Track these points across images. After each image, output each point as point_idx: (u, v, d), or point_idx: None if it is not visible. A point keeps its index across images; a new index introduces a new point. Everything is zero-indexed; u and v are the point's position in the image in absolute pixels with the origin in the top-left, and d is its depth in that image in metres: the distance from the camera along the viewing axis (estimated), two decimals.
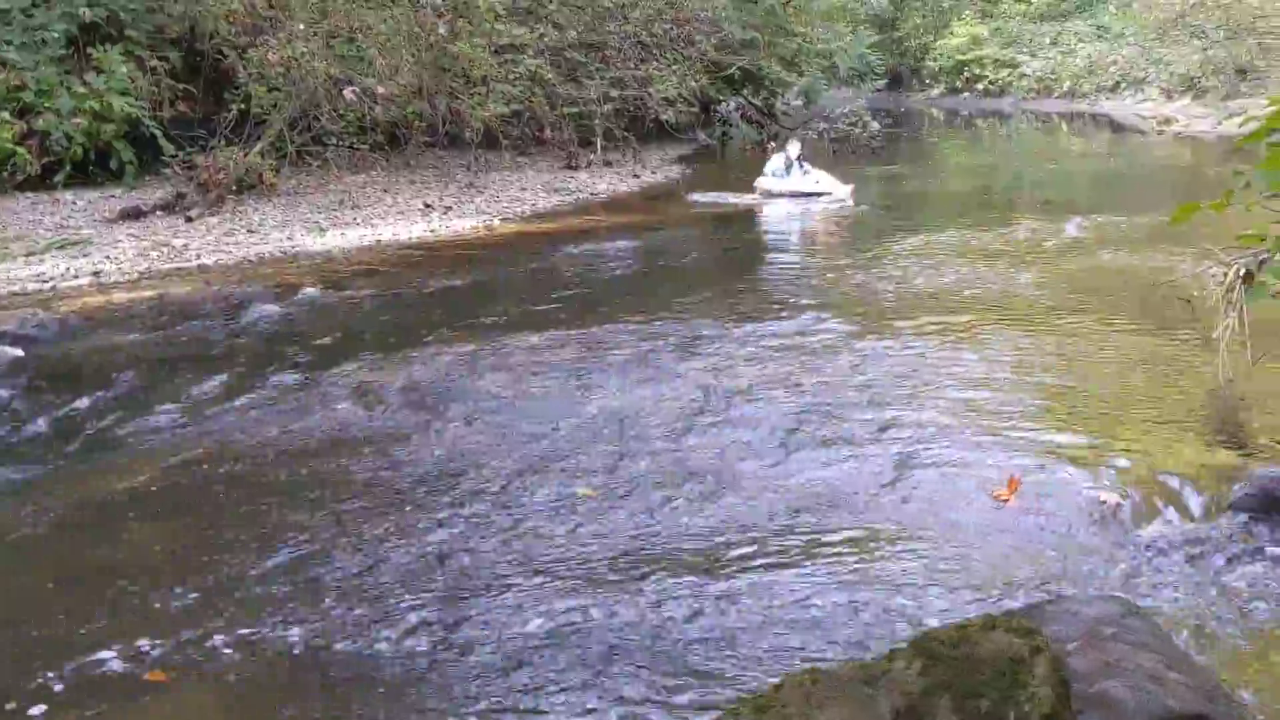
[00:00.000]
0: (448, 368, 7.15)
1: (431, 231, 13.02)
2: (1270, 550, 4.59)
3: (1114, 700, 3.22)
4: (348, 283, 10.21)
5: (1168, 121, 29.80)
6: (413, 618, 4.09)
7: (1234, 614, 4.13)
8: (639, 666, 3.75)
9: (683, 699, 3.54)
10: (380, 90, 14.83)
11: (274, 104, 14.40)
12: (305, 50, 13.97)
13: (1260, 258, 5.73)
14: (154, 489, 5.41)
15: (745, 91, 25.38)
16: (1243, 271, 6.28)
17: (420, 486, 5.33)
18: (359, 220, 13.39)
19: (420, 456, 5.73)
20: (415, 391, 6.69)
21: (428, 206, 14.41)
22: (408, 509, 5.07)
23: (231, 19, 14.07)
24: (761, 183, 15.21)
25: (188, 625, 4.05)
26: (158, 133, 14.04)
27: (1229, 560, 4.53)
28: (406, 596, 4.25)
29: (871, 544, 4.69)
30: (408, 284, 10.12)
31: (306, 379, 7.08)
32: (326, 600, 4.23)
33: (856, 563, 4.50)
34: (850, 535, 4.77)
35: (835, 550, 4.62)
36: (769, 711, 2.78)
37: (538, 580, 4.37)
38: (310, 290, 9.77)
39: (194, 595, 4.29)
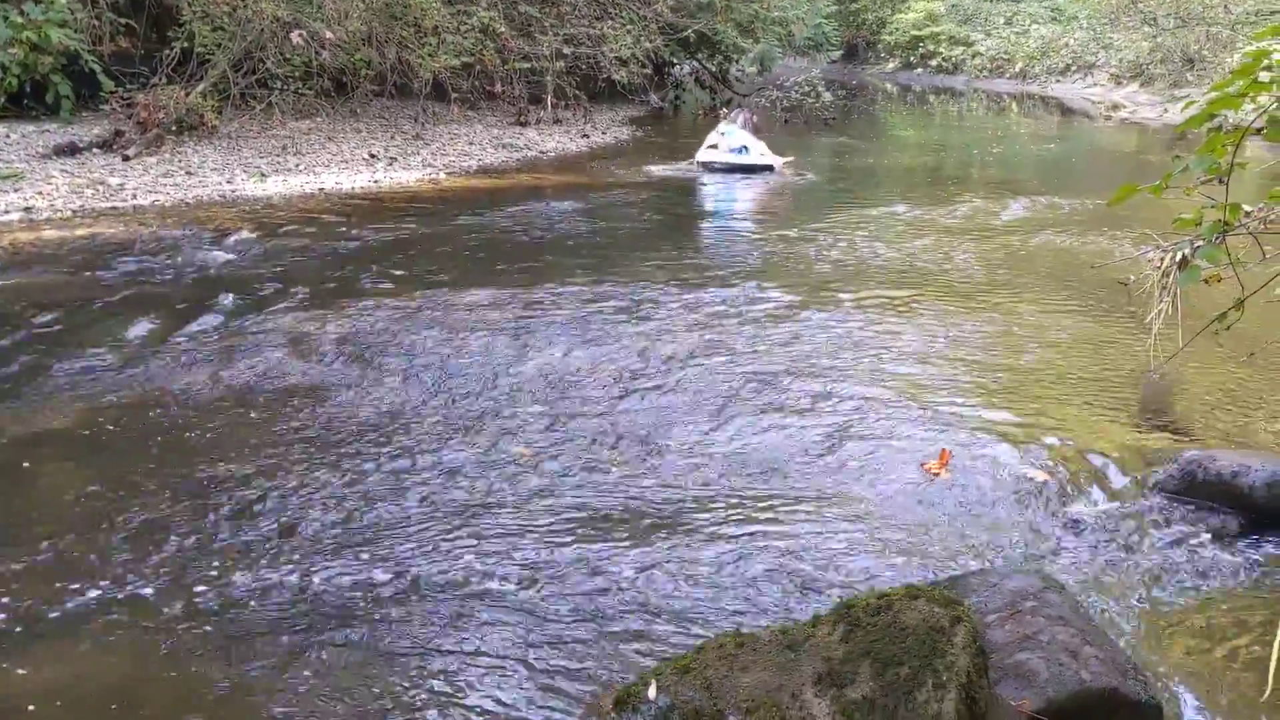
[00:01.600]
0: (386, 321, 7.06)
1: (375, 182, 12.83)
2: (1189, 531, 4.69)
3: (1030, 671, 3.28)
4: (287, 230, 10.02)
5: (1115, 107, 30.17)
6: (339, 573, 4.04)
7: (1150, 591, 4.21)
8: (564, 628, 3.74)
9: (607, 662, 3.54)
10: (328, 35, 14.52)
11: (218, 44, 14.05)
12: None
13: (1196, 243, 5.82)
14: (75, 433, 5.28)
15: (700, 55, 25.25)
16: (1178, 257, 6.37)
17: (353, 440, 5.27)
18: (301, 167, 13.14)
19: (354, 409, 5.66)
20: (352, 343, 6.60)
21: (373, 157, 14.18)
22: (339, 462, 5.00)
23: None
24: (701, 155, 14.90)
25: (99, 575, 3.97)
26: (96, 68, 13.65)
27: (1149, 539, 4.62)
28: (332, 551, 4.21)
29: (802, 511, 4.71)
30: (349, 234, 9.96)
31: (240, 326, 6.95)
32: (247, 553, 4.17)
33: (786, 529, 4.52)
34: (781, 502, 4.80)
35: (765, 517, 4.64)
36: (691, 673, 2.79)
37: (467, 537, 4.34)
38: (248, 236, 9.59)
39: (108, 544, 4.20)
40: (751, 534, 4.47)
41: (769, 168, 14.74)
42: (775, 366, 6.51)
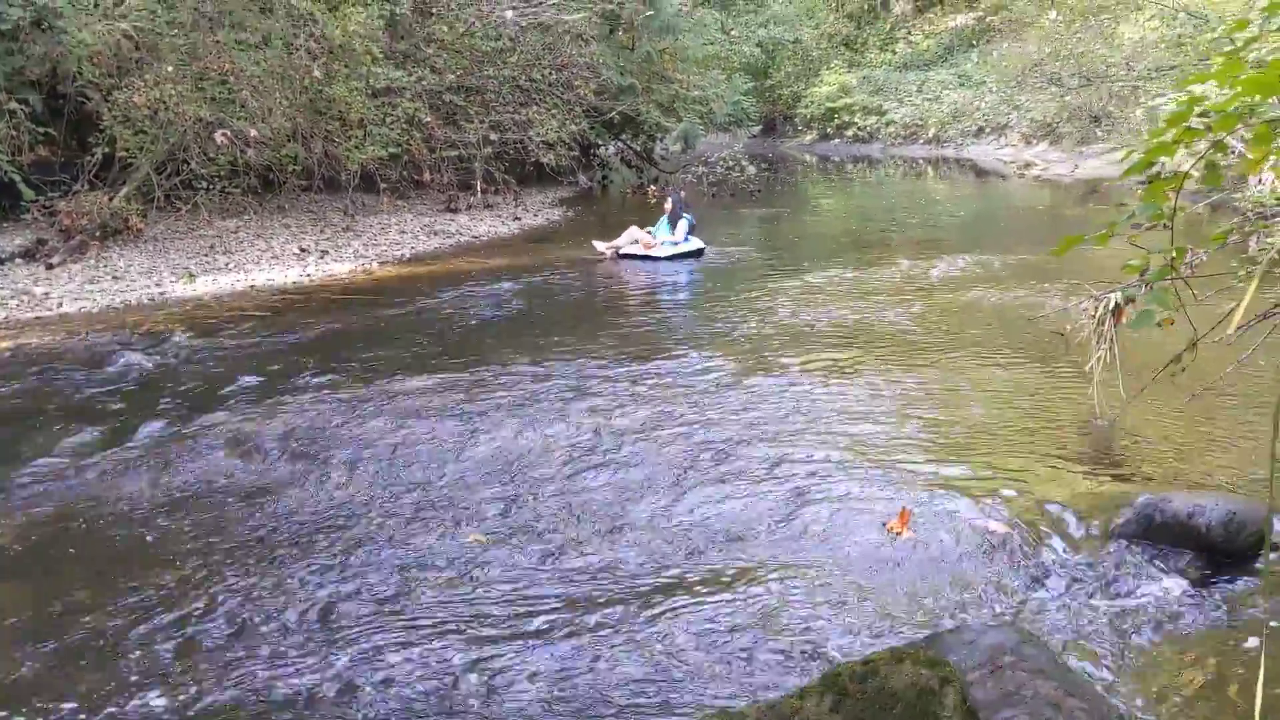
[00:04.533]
0: (327, 415, 6.91)
1: (307, 276, 12.70)
2: (1152, 573, 4.71)
3: None
4: (220, 329, 9.84)
5: (1028, 165, 31.11)
6: (291, 680, 3.88)
7: (1121, 636, 4.21)
8: None
9: None
10: (253, 133, 14.45)
11: (140, 147, 13.90)
12: (174, 92, 13.52)
13: (1130, 289, 5.94)
14: (10, 549, 5.05)
15: (625, 136, 25.61)
16: (1112, 305, 6.50)
17: (299, 540, 5.10)
18: (231, 265, 12.98)
19: (299, 508, 5.49)
20: (293, 440, 6.44)
21: (303, 251, 14.07)
22: (285, 564, 4.83)
23: (96, 60, 13.55)
24: (625, 248, 14.37)
25: (37, 694, 3.77)
26: (16, 177, 13.40)
27: (1114, 585, 4.63)
28: (284, 658, 4.04)
29: (769, 581, 4.64)
30: (284, 330, 9.80)
31: (177, 430, 6.75)
32: (196, 664, 3.99)
33: (755, 601, 4.45)
34: (747, 573, 4.73)
35: (733, 589, 4.56)
36: None
37: (424, 635, 4.20)
38: (180, 338, 9.39)
39: (45, 661, 4.00)
40: (719, 607, 4.39)
41: (699, 251, 14.53)
42: (728, 435, 6.48)
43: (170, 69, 13.73)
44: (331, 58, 15.47)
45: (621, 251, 14.24)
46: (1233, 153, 3.69)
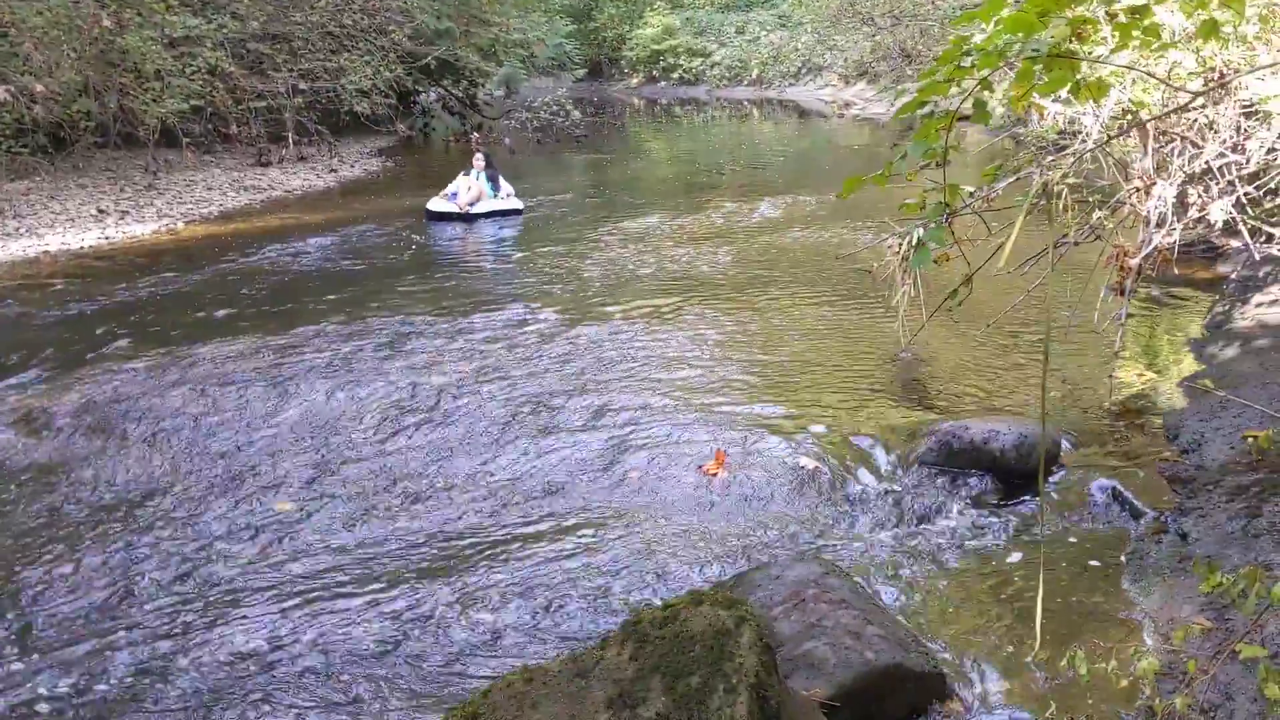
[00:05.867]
0: (127, 386, 6.55)
1: (107, 239, 11.99)
2: (951, 499, 4.92)
3: (818, 659, 3.33)
4: (10, 297, 9.21)
5: (847, 105, 31.86)
6: (87, 666, 3.69)
7: (921, 561, 4.38)
8: (345, 689, 3.54)
9: (394, 718, 3.37)
10: (38, 88, 13.49)
11: None
12: None
13: (924, 226, 6.13)
14: None
15: (445, 82, 25.00)
16: (915, 241, 6.71)
17: (96, 519, 4.84)
18: (22, 230, 12.13)
19: (96, 486, 5.21)
20: (90, 414, 6.08)
21: (102, 212, 13.27)
22: (80, 546, 4.57)
23: None
24: (435, 204, 13.28)
25: None
26: None
27: (917, 512, 4.82)
28: (79, 644, 3.84)
29: (588, 530, 4.66)
30: (81, 297, 9.23)
31: None
32: None
33: (572, 553, 4.45)
34: (567, 524, 4.73)
35: (551, 543, 4.56)
36: (479, 719, 2.67)
37: (233, 608, 4.05)
38: None
39: None
40: (538, 561, 4.38)
41: (517, 210, 13.56)
42: (549, 386, 6.45)
43: None
44: (122, 5, 14.52)
45: (436, 209, 13.21)
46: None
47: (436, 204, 13.29)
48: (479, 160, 13.83)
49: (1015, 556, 4.40)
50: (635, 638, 2.83)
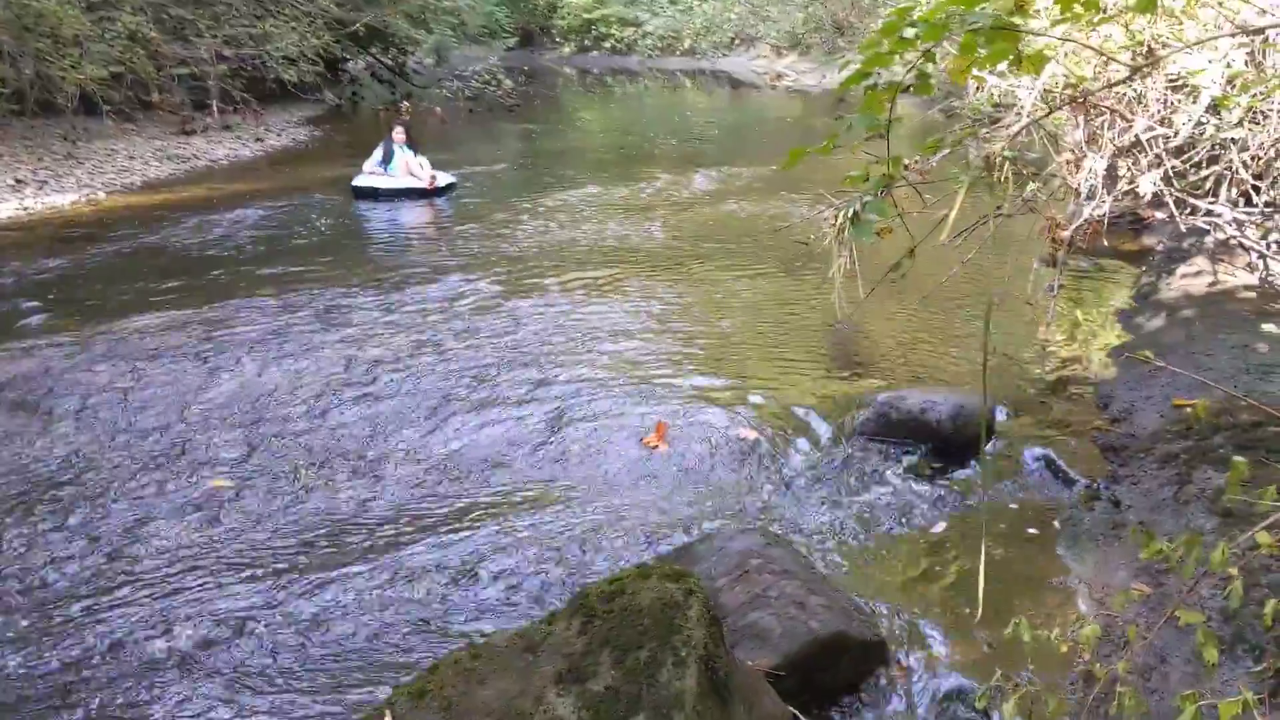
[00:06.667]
0: (50, 361, 6.36)
1: (24, 209, 11.60)
2: (890, 468, 4.97)
3: (763, 630, 3.35)
4: None
5: (780, 77, 31.91)
6: (15, 645, 3.59)
7: (863, 530, 4.43)
8: (285, 670, 3.48)
9: (334, 697, 3.32)
10: None
11: None
12: None
13: (865, 199, 6.16)
14: None
15: (374, 50, 24.56)
16: (851, 213, 6.75)
17: (20, 499, 4.69)
18: None
19: (18, 465, 5.04)
20: (10, 390, 5.90)
21: (19, 182, 12.82)
22: (4, 526, 4.44)
23: None
24: (360, 180, 12.47)
25: None
26: None
27: (856, 480, 4.87)
28: (4, 624, 3.73)
29: (529, 505, 4.63)
30: None
31: None
32: None
33: (514, 526, 4.42)
34: (508, 499, 4.70)
35: (493, 516, 4.53)
36: (427, 695, 2.64)
37: (166, 590, 3.96)
38: None
39: None
40: (479, 537, 4.34)
41: (424, 190, 12.52)
42: (487, 360, 6.39)
43: None
44: None
45: (355, 185, 12.42)
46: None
47: (364, 179, 12.39)
48: (399, 133, 12.96)
49: (953, 525, 4.46)
50: (583, 612, 2.82)
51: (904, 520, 4.52)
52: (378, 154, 12.83)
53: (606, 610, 2.80)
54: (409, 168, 12.68)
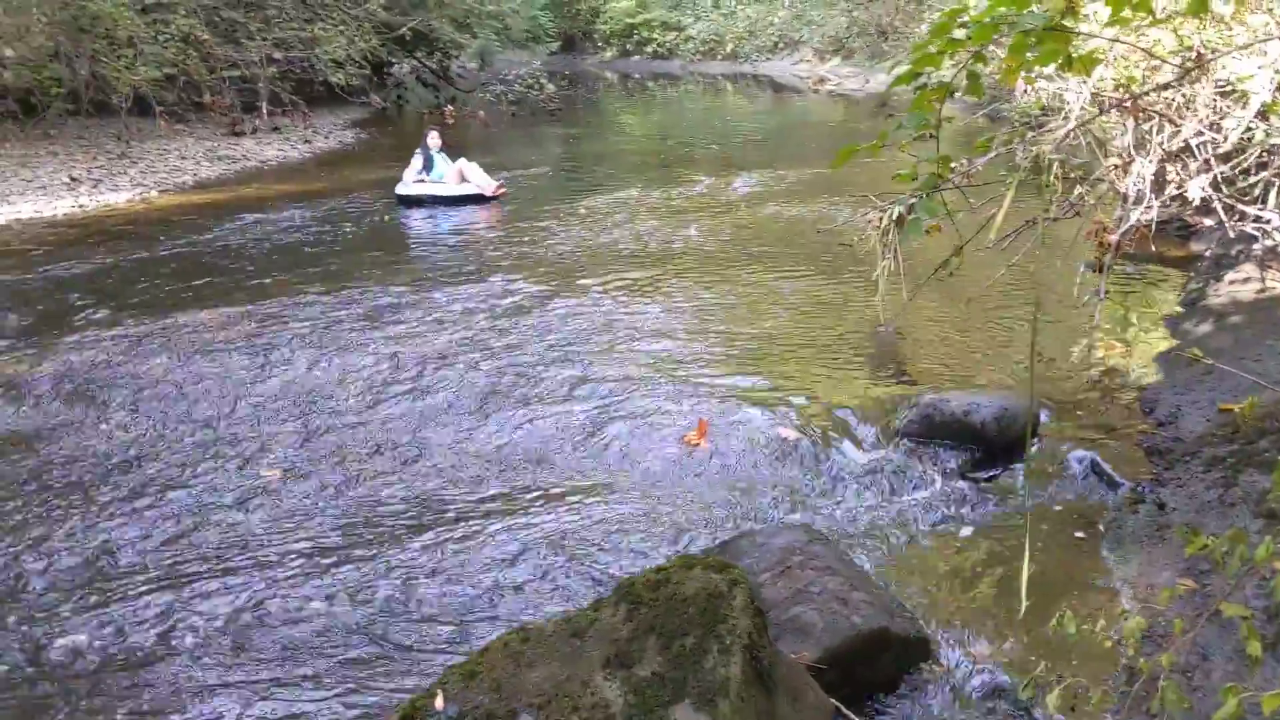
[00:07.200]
0: (107, 353, 6.52)
1: (80, 207, 11.86)
2: (933, 469, 4.98)
3: (806, 624, 3.39)
4: None
5: (822, 81, 31.82)
6: (71, 633, 3.69)
7: (906, 530, 4.45)
8: (341, 651, 3.56)
9: (387, 677, 3.40)
10: (8, 53, 13.30)
11: None
12: None
13: (911, 199, 6.18)
14: None
15: (419, 53, 24.80)
16: (895, 215, 6.76)
17: (77, 486, 4.82)
18: None
19: (77, 452, 5.19)
20: (69, 381, 6.05)
21: (74, 180, 13.10)
22: (61, 512, 4.56)
23: None
24: (399, 188, 12.27)
25: None
26: None
27: (898, 482, 4.88)
28: (63, 609, 3.84)
29: (572, 499, 4.69)
30: (55, 265, 9.14)
31: None
32: None
33: (558, 518, 4.49)
34: (551, 492, 4.76)
35: (536, 509, 4.59)
36: (477, 677, 2.70)
37: (219, 572, 4.06)
38: None
39: None
40: (524, 528, 4.41)
41: (480, 197, 12.24)
42: (530, 358, 6.46)
43: None
44: None
45: (399, 193, 12.18)
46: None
47: (404, 187, 12.13)
48: (434, 138, 12.70)
49: (996, 526, 4.47)
50: (629, 599, 2.87)
51: (946, 521, 4.53)
52: (417, 161, 12.51)
53: (652, 598, 2.85)
54: (462, 174, 12.41)
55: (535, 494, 4.75)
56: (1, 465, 5.06)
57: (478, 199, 12.21)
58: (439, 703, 2.61)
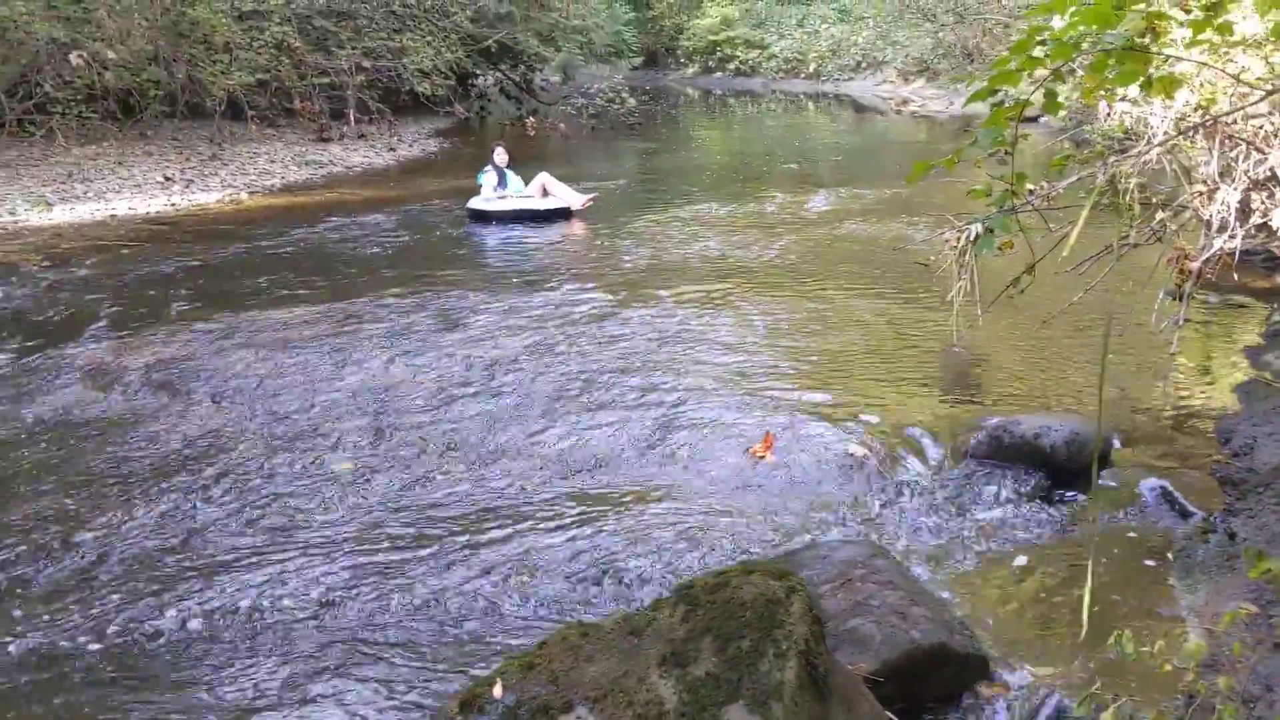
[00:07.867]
0: (193, 346, 6.75)
1: (172, 205, 12.26)
2: (1000, 491, 4.94)
3: (864, 636, 3.40)
4: (79, 259, 9.47)
5: (905, 102, 31.60)
6: (159, 612, 3.83)
7: (970, 550, 4.42)
8: (406, 638, 3.66)
9: (452, 667, 3.48)
10: (110, 55, 13.81)
11: None
12: (24, 10, 12.80)
13: (989, 217, 6.15)
14: None
15: (503, 66, 25.18)
16: (973, 235, 6.72)
17: (166, 470, 5.01)
18: (90, 194, 12.44)
19: (163, 439, 5.38)
20: (157, 371, 6.28)
21: (168, 179, 13.56)
22: (148, 496, 4.74)
23: None
24: (475, 203, 11.98)
25: None
26: None
27: (965, 502, 4.85)
28: (150, 584, 3.99)
29: (636, 504, 4.74)
30: (147, 260, 9.48)
31: (35, 363, 6.52)
32: (57, 602, 3.91)
33: (621, 522, 4.54)
34: (615, 496, 4.82)
35: (600, 511, 4.65)
36: (536, 669, 2.76)
37: (296, 558, 4.19)
38: (34, 268, 9.01)
39: None
40: (587, 529, 4.47)
41: (566, 211, 12.05)
42: (599, 365, 6.54)
43: None
44: None
45: (471, 208, 11.95)
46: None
47: (478, 203, 11.85)
48: (500, 154, 12.39)
49: (1062, 551, 4.42)
50: (687, 601, 2.91)
51: (1012, 543, 4.49)
52: (492, 177, 12.24)
53: (710, 601, 2.89)
54: (545, 188, 12.23)
55: (599, 497, 4.81)
56: (90, 449, 5.27)
57: (564, 213, 12.06)
58: (497, 691, 2.68)
